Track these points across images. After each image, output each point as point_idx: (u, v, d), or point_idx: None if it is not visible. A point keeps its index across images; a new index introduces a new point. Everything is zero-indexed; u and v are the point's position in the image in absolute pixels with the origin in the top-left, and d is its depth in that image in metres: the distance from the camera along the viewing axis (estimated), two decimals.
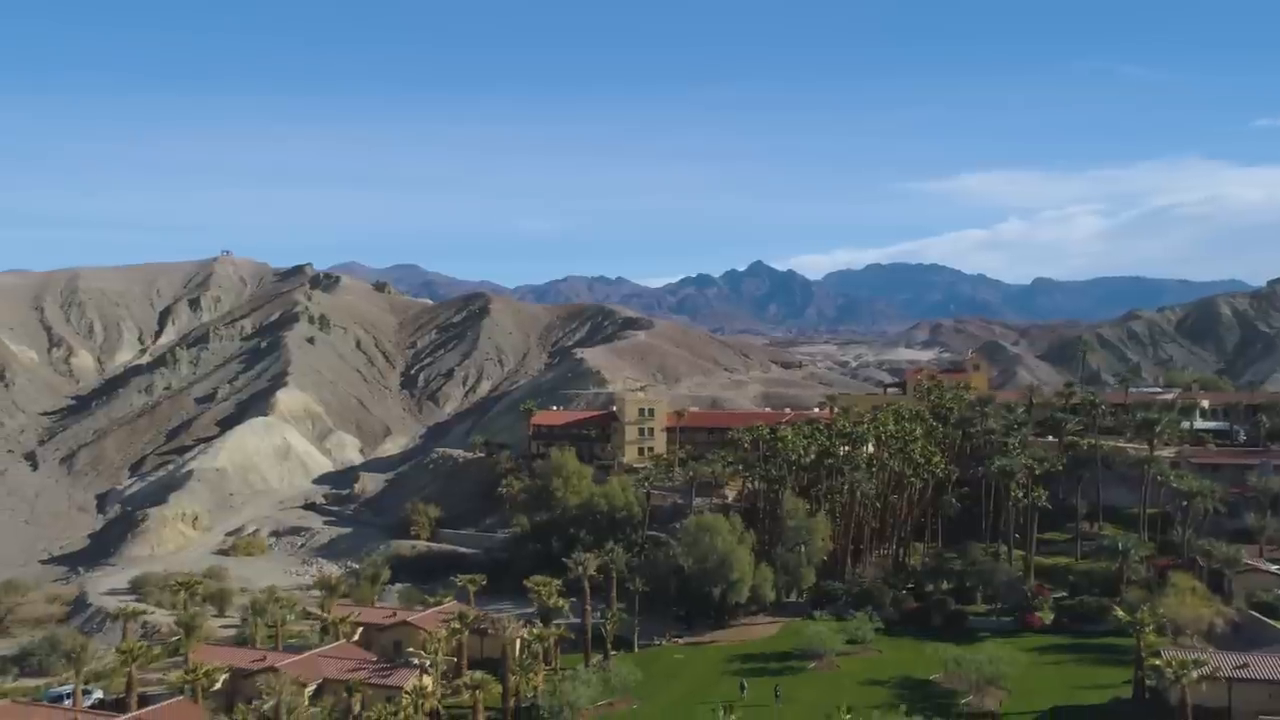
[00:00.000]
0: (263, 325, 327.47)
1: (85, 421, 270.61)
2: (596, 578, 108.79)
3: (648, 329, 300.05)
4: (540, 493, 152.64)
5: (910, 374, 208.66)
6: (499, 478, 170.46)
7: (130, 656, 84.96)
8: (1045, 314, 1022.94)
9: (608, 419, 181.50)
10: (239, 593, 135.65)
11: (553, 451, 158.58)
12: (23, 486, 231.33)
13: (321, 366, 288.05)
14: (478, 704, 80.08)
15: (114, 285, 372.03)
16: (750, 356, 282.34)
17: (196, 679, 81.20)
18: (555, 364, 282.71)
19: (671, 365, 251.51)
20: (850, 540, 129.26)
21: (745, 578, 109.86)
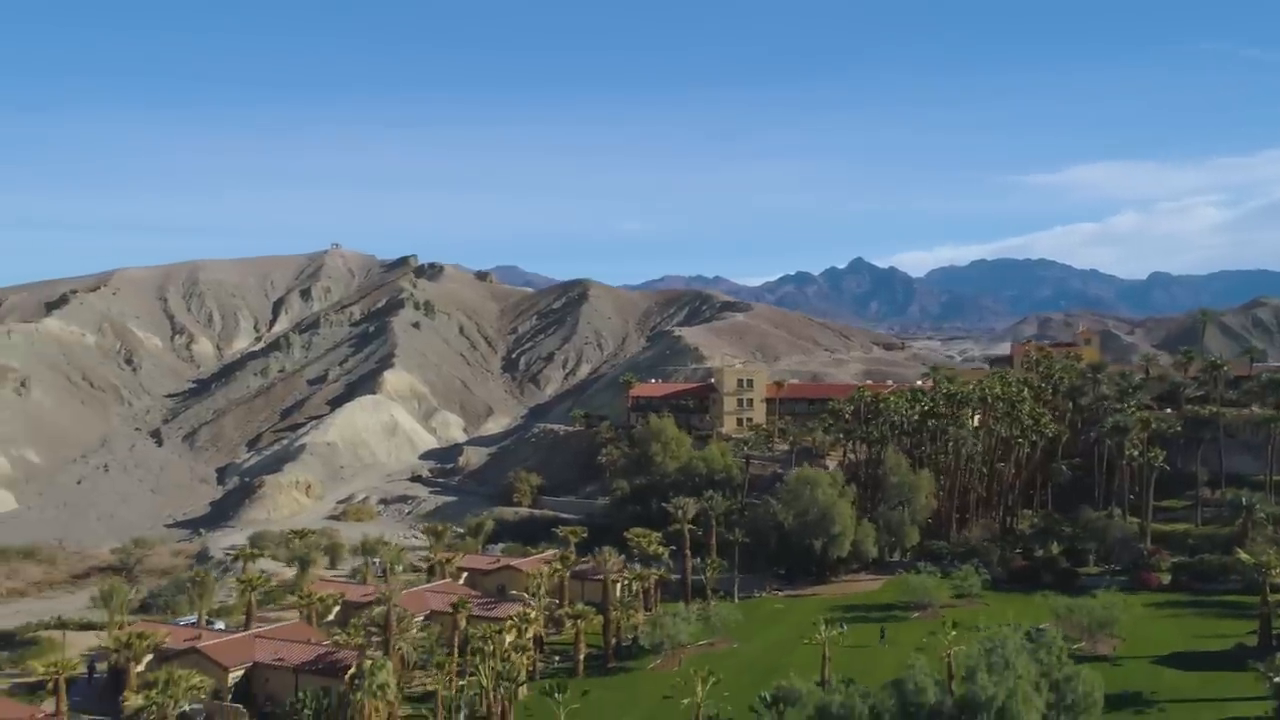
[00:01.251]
0: (370, 311, 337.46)
1: (205, 402, 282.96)
2: (696, 531, 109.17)
3: (746, 311, 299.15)
4: (639, 459, 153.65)
5: (1018, 348, 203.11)
6: (598, 448, 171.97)
7: (249, 586, 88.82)
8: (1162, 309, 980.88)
9: (706, 391, 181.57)
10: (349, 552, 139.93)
11: (651, 417, 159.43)
12: (149, 460, 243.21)
13: (426, 350, 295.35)
14: (579, 634, 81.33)
15: (231, 277, 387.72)
16: (851, 338, 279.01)
17: (311, 604, 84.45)
18: (653, 343, 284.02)
19: (771, 344, 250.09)
20: (955, 504, 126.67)
21: (847, 532, 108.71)
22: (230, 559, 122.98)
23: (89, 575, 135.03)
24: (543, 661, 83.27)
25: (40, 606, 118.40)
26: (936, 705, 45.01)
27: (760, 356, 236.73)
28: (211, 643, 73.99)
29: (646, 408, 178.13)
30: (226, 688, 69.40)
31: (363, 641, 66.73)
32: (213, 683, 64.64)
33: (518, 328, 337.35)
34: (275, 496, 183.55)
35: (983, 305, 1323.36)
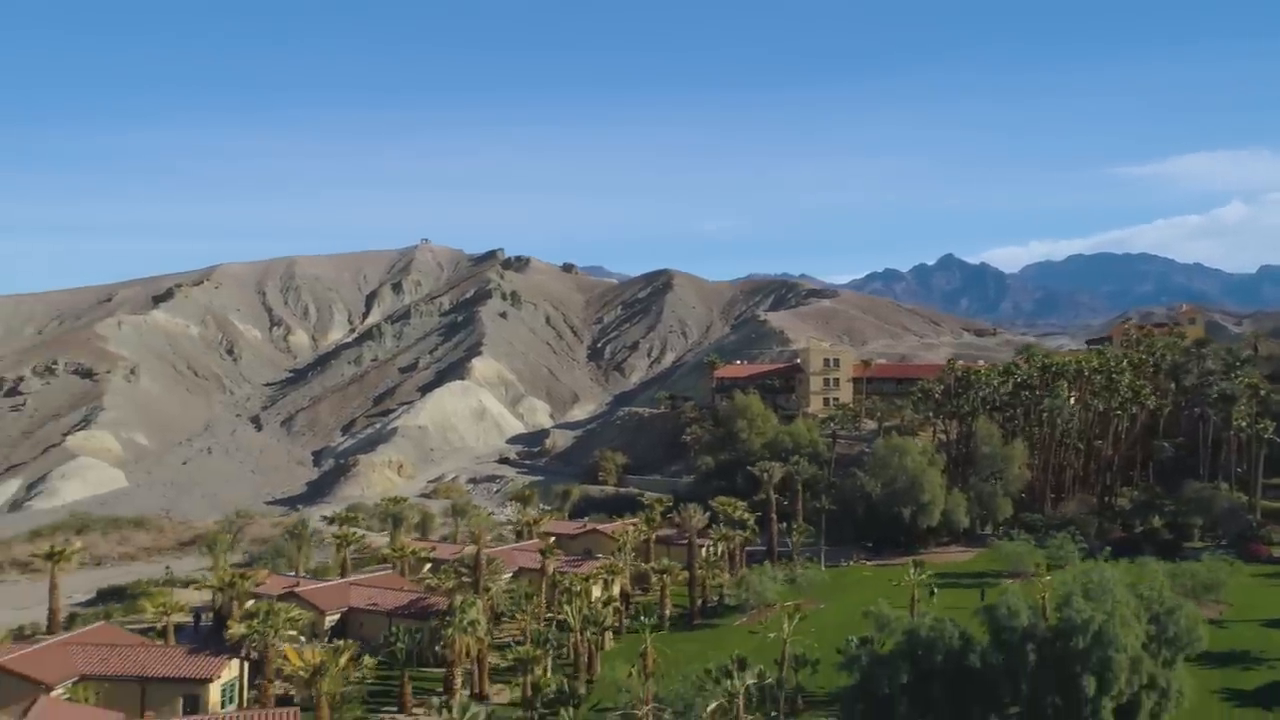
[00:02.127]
0: (459, 302, 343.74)
1: (302, 390, 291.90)
2: (782, 500, 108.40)
3: (832, 297, 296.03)
4: (724, 436, 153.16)
5: (1117, 327, 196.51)
6: (682, 428, 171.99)
7: (344, 541, 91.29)
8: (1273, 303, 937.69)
9: (792, 371, 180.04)
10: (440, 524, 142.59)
11: (736, 394, 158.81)
12: (249, 444, 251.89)
13: (513, 338, 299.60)
14: (664, 588, 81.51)
15: (326, 272, 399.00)
16: (941, 324, 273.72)
17: (404, 557, 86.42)
18: (738, 329, 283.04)
19: (858, 329, 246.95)
20: (1050, 480, 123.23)
21: (936, 500, 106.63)
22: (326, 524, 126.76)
23: (194, 543, 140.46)
24: (629, 619, 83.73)
25: (149, 569, 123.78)
26: (1029, 628, 43.94)
27: (847, 341, 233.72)
28: (309, 588, 76.32)
29: (731, 389, 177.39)
30: (324, 629, 71.47)
31: (453, 584, 68.00)
32: (310, 617, 66.56)
33: (603, 318, 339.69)
34: (369, 475, 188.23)
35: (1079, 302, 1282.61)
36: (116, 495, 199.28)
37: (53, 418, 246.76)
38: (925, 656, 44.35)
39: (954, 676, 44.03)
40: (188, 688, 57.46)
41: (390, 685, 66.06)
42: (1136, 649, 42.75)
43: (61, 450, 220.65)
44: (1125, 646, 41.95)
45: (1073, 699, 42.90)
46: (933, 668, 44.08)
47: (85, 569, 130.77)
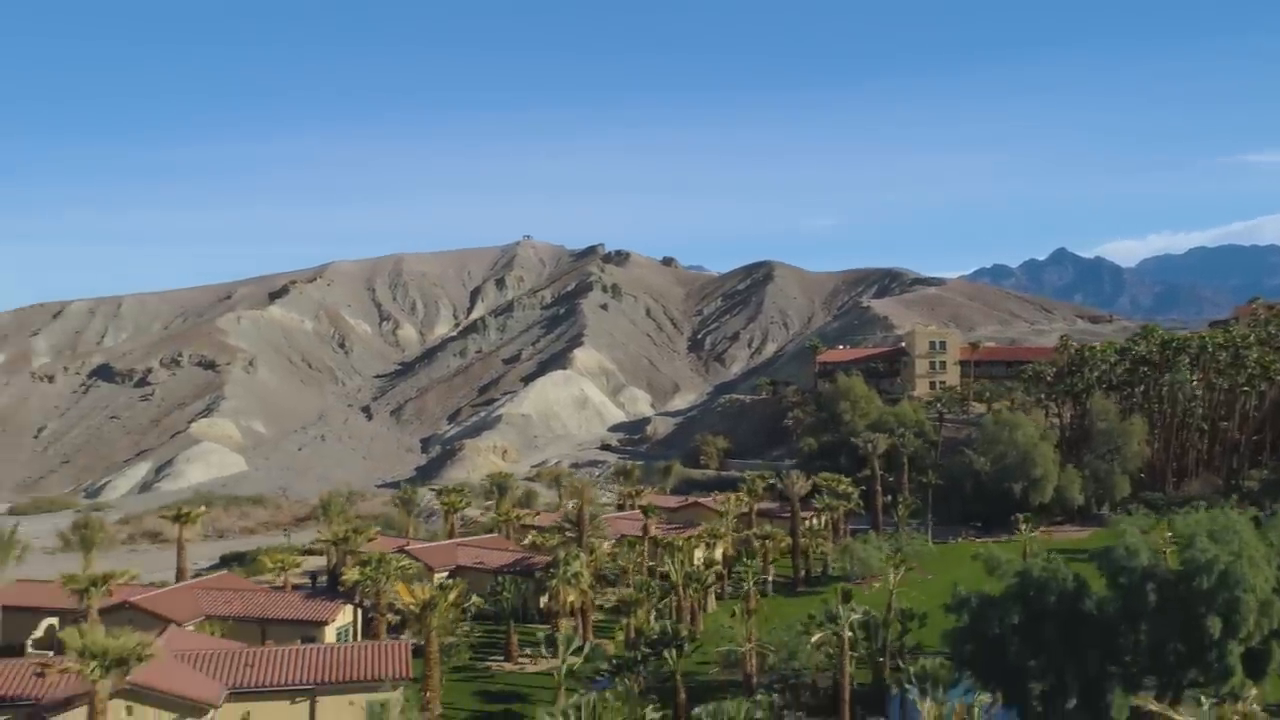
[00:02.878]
0: (560, 295, 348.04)
1: (410, 381, 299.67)
2: (887, 477, 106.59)
3: (939, 285, 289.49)
4: (827, 419, 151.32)
5: (1242, 308, 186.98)
6: (784, 412, 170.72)
7: (452, 507, 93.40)
8: None
9: (896, 354, 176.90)
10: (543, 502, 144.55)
11: (839, 376, 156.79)
12: (360, 432, 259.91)
13: (614, 330, 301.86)
14: (766, 554, 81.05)
15: (432, 269, 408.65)
16: (1053, 312, 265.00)
17: (508, 520, 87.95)
18: (840, 316, 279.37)
19: (965, 315, 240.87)
20: (1172, 460, 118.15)
21: (1049, 476, 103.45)
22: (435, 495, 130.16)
23: (309, 518, 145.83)
24: (731, 586, 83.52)
25: (267, 541, 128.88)
26: (1150, 569, 42.20)
27: (954, 327, 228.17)
28: (419, 546, 78.33)
29: (833, 373, 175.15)
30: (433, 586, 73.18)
31: (557, 541, 68.93)
32: (419, 570, 68.26)
33: (703, 309, 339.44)
34: (474, 459, 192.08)
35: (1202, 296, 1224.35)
36: (237, 478, 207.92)
37: (178, 406, 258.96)
38: (1038, 598, 43.05)
39: (1068, 619, 42.62)
40: (305, 629, 59.65)
41: (496, 638, 67.45)
42: (1266, 592, 40.67)
43: (186, 436, 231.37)
44: (1254, 588, 39.95)
45: (1196, 643, 41.08)
46: (1045, 609, 42.76)
47: (209, 541, 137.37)
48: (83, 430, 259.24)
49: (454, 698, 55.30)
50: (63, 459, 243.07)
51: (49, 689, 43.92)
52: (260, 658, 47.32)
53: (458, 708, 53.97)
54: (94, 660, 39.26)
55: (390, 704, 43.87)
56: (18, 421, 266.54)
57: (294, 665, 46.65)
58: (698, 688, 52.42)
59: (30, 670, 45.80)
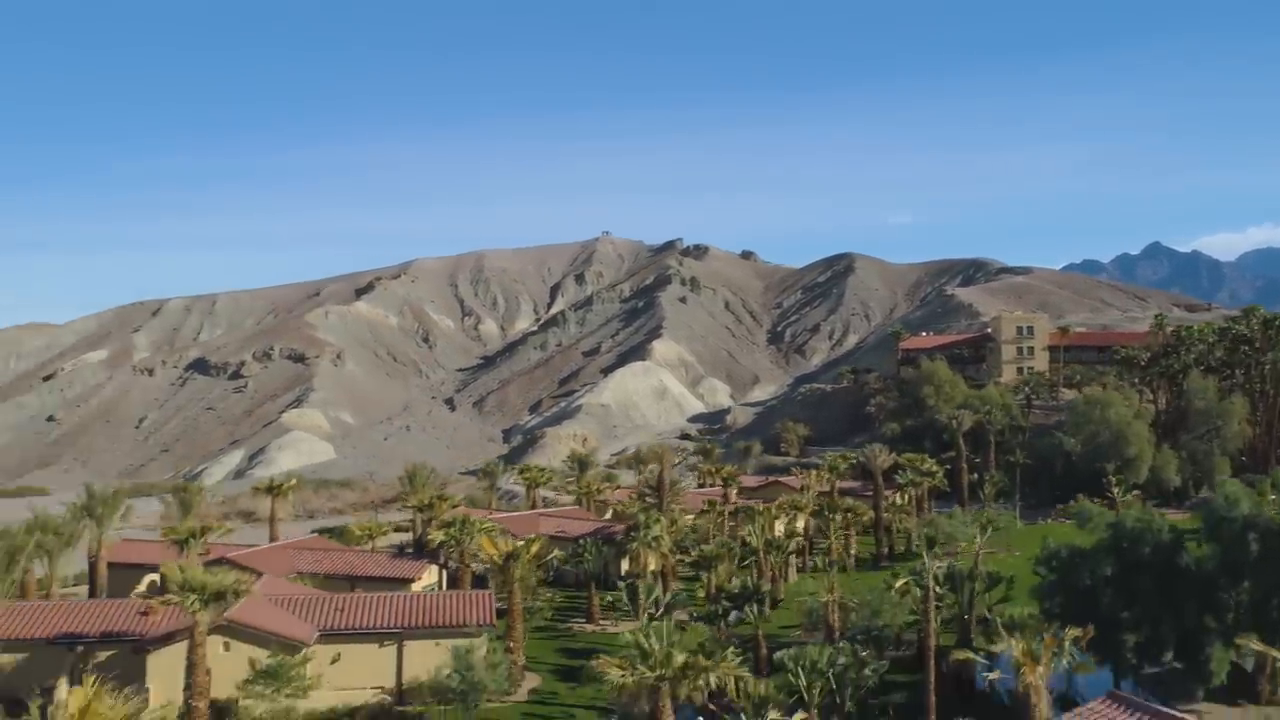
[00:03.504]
0: (639, 288, 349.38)
1: (491, 374, 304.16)
2: (974, 457, 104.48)
3: (1026, 274, 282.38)
4: (910, 404, 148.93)
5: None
6: (866, 400, 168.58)
7: (534, 481, 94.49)
8: None
9: (982, 340, 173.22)
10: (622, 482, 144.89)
11: (923, 361, 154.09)
12: (444, 423, 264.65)
13: (693, 322, 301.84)
14: (849, 527, 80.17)
15: (512, 265, 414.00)
16: (1148, 300, 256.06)
17: (590, 493, 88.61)
18: (924, 305, 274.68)
19: (1054, 303, 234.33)
20: (1274, 440, 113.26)
21: (1143, 455, 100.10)
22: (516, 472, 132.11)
23: (393, 501, 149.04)
24: (812, 561, 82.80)
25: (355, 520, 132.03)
26: (1251, 518, 40.59)
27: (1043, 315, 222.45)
28: (502, 516, 79.37)
29: (916, 360, 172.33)
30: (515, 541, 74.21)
31: (638, 508, 69.21)
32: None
33: (782, 302, 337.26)
34: (555, 447, 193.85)
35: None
36: (325, 465, 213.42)
37: (270, 398, 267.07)
38: (1131, 549, 41.76)
39: (1164, 570, 41.26)
40: (391, 587, 60.88)
41: (578, 602, 68.04)
42: None
43: (278, 426, 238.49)
44: None
45: None
46: (1139, 560, 41.45)
47: (299, 520, 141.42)
48: (180, 421, 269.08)
49: (537, 652, 55.95)
50: (162, 448, 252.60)
51: (151, 627, 45.82)
52: (350, 603, 48.57)
53: (540, 661, 54.59)
54: (193, 594, 40.74)
55: (474, 648, 44.64)
56: (120, 413, 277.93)
57: (382, 610, 47.76)
58: (778, 648, 52.14)
59: (135, 609, 47.85)
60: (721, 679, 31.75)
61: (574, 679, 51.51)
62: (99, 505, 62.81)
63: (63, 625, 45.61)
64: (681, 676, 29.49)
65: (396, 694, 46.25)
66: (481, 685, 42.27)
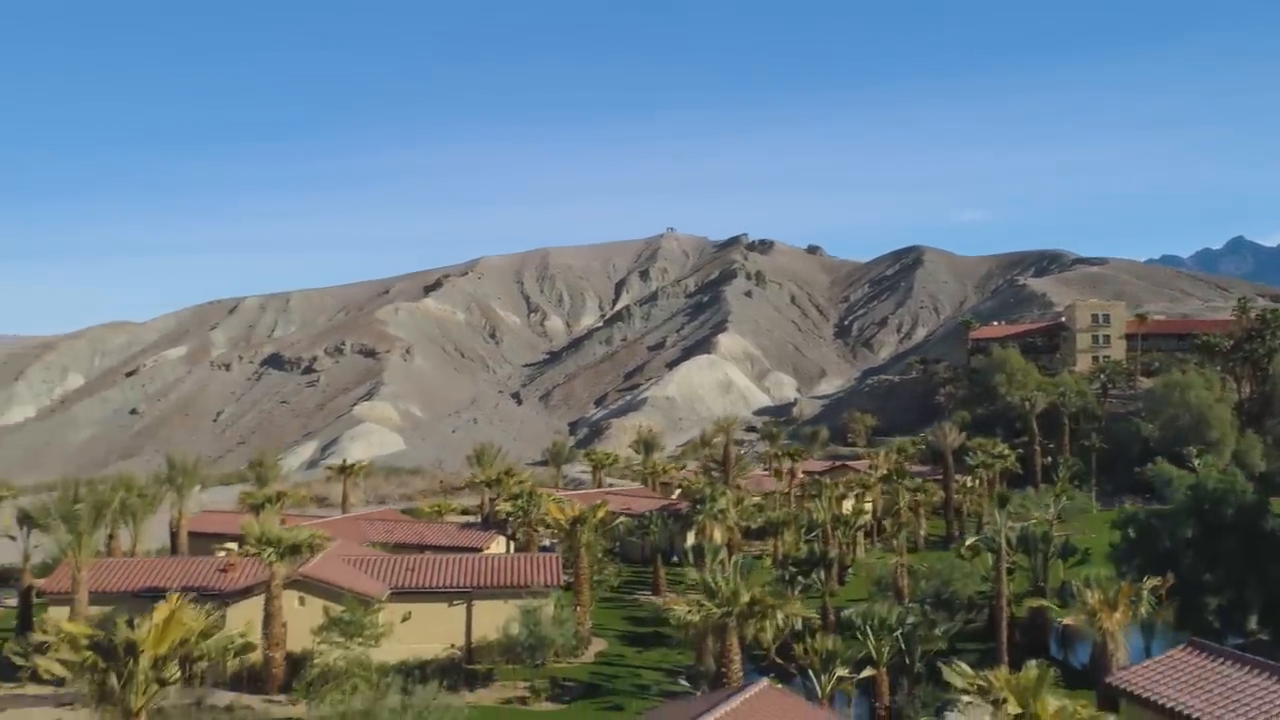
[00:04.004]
0: (704, 283, 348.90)
1: (557, 369, 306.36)
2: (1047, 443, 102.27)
3: (1102, 265, 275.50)
4: (981, 392, 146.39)
5: None
6: (935, 390, 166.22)
7: (599, 463, 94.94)
8: None
9: (1056, 328, 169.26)
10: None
11: (994, 348, 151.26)
12: (511, 416, 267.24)
13: (758, 316, 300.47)
14: (918, 507, 79.19)
15: (577, 262, 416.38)
16: (1230, 290, 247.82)
17: (654, 473, 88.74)
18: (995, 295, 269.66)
19: (1131, 292, 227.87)
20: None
21: (1226, 439, 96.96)
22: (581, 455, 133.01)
23: (462, 488, 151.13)
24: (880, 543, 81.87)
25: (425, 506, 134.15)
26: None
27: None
28: (569, 494, 79.92)
29: (987, 349, 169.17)
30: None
31: (704, 482, 69.15)
32: None
33: (849, 296, 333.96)
34: (620, 438, 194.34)
35: None
36: (395, 456, 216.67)
37: (342, 391, 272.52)
38: (1214, 511, 40.54)
39: (1248, 533, 39.96)
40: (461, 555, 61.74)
41: (644, 577, 68.24)
42: None
43: (349, 418, 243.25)
44: None
45: None
46: (1222, 522, 40.21)
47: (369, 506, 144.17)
48: (255, 414, 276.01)
49: (603, 621, 56.26)
50: (239, 440, 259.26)
51: (230, 583, 47.17)
52: (420, 563, 49.39)
53: (607, 628, 54.86)
54: (270, 547, 41.88)
55: (542, 607, 45.03)
56: (199, 406, 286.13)
57: (451, 571, 48.48)
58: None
59: (216, 566, 49.30)
60: (789, 619, 31.56)
61: (641, 644, 51.70)
62: (180, 475, 64.75)
63: (147, 580, 47.20)
64: (749, 614, 29.42)
65: (465, 651, 46.89)
66: (549, 639, 42.65)
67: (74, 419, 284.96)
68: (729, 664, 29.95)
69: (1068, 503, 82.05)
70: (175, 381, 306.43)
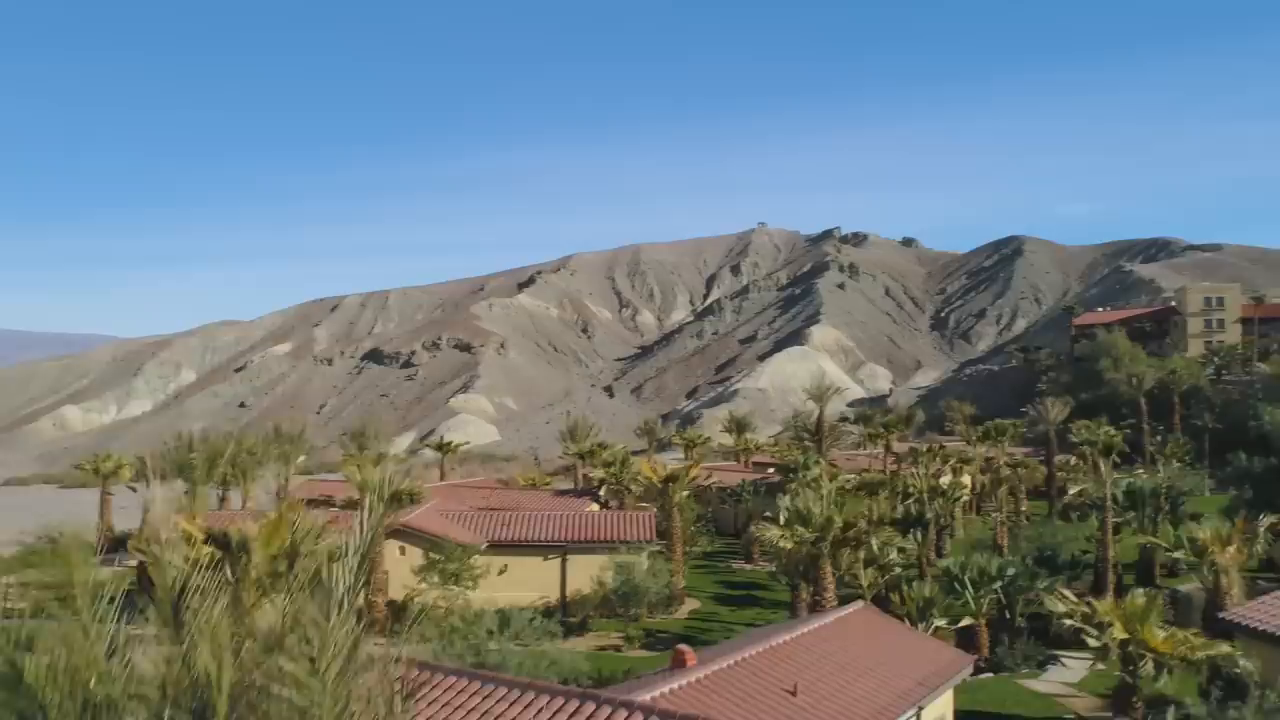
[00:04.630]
0: (796, 276, 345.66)
1: (649, 363, 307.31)
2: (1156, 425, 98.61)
3: (1216, 251, 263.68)
4: (1085, 378, 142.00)
5: None
6: (1036, 378, 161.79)
7: (691, 442, 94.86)
8: None
9: (1166, 313, 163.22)
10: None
11: (1098, 331, 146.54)
12: (603, 409, 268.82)
13: (851, 308, 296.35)
14: (1018, 484, 77.27)
15: (668, 258, 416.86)
16: None
17: (746, 449, 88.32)
18: (1101, 282, 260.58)
19: (1247, 277, 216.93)
20: None
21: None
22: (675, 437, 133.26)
23: (555, 474, 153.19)
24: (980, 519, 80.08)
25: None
26: None
27: None
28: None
29: (1093, 336, 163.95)
30: None
31: (796, 453, 68.60)
32: None
33: (946, 288, 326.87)
34: (711, 428, 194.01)
35: None
36: (490, 446, 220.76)
37: (439, 385, 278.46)
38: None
39: None
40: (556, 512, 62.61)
41: (735, 547, 68.13)
42: None
43: (446, 410, 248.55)
44: None
45: None
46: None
47: None
48: (356, 407, 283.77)
49: (696, 583, 56.31)
50: (341, 431, 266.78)
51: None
52: (516, 518, 50.21)
53: (700, 590, 54.91)
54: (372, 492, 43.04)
55: (637, 562, 45.35)
56: (303, 400, 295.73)
57: (547, 525, 49.16)
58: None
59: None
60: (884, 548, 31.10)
61: (734, 604, 51.62)
62: (285, 442, 67.05)
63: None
64: (842, 541, 29.08)
65: (560, 604, 47.49)
66: (643, 588, 42.89)
67: (187, 412, 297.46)
68: (824, 592, 29.70)
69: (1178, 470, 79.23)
70: (281, 376, 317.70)
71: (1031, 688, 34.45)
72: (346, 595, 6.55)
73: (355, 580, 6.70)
